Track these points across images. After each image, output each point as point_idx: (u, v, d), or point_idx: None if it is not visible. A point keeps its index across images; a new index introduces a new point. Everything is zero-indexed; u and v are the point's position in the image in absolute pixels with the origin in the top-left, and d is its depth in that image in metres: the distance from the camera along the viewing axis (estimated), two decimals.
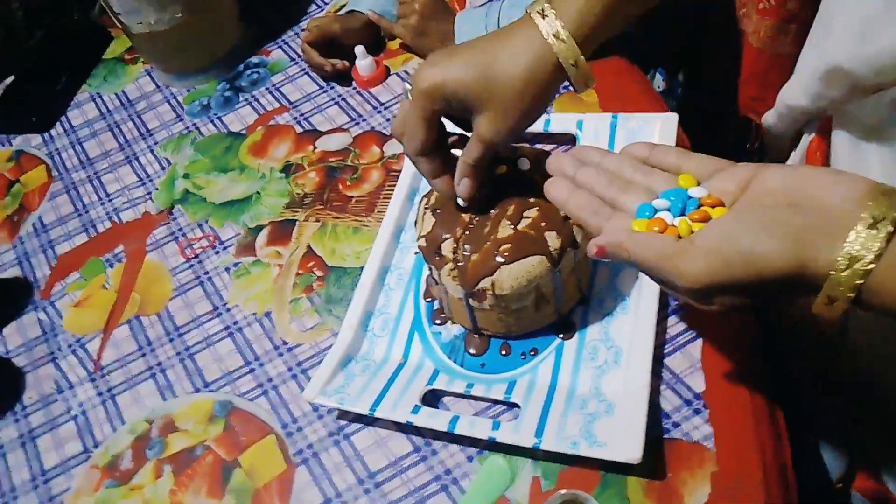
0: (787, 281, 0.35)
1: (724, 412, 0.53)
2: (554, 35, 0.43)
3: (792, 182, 0.38)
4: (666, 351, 0.57)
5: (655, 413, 0.54)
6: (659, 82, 0.91)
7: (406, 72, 0.83)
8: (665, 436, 0.53)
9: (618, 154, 0.47)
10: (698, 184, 0.42)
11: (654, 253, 0.38)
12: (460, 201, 0.53)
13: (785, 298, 0.37)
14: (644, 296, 0.56)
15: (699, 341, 0.56)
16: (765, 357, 0.55)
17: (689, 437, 0.52)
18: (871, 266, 0.33)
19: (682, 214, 0.41)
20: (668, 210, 0.41)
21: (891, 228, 0.33)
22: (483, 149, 0.48)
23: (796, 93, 0.49)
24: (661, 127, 0.64)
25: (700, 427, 0.53)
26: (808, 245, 0.34)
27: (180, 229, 0.76)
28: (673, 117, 0.64)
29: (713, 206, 0.40)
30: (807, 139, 0.53)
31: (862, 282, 0.33)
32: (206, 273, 0.71)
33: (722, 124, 0.81)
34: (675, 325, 0.58)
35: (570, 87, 0.47)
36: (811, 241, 0.34)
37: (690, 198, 0.41)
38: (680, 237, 0.39)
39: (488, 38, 0.47)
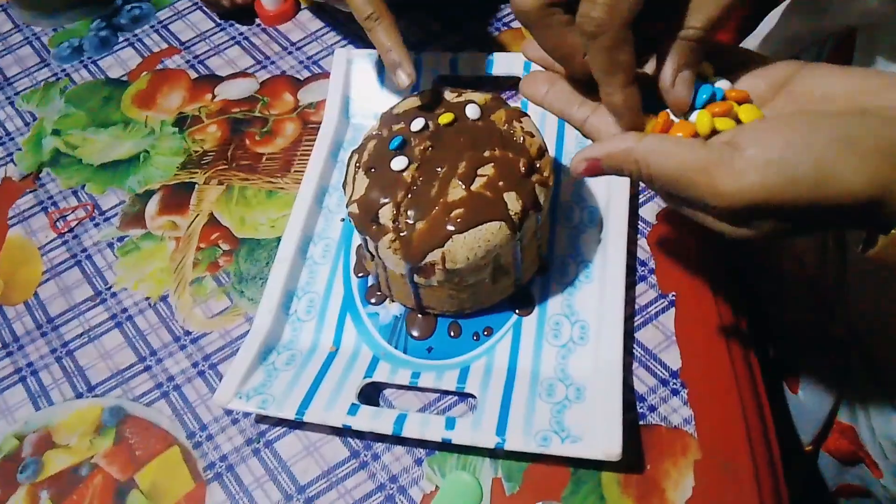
0: (859, 209, 0.27)
1: (704, 391, 0.47)
2: None
3: (857, 86, 0.30)
4: (636, 324, 0.50)
5: (630, 396, 0.47)
6: None
7: (319, 5, 0.71)
8: (641, 422, 0.46)
9: None
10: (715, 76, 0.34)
11: (678, 161, 0.29)
12: (675, 109, 0.33)
13: (842, 229, 0.29)
14: (610, 260, 0.49)
15: (672, 311, 0.50)
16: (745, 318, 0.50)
17: (667, 421, 0.46)
18: None
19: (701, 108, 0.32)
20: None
21: None
22: (722, 2, 0.31)
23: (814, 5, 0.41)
24: None
25: (679, 410, 0.47)
26: None
27: (50, 198, 0.62)
28: None
29: (740, 103, 0.32)
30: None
31: None
32: (85, 250, 0.58)
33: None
34: (644, 293, 0.51)
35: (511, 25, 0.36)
36: None
37: (711, 86, 0.32)
38: (697, 135, 0.31)
39: None
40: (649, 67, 0.34)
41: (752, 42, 0.54)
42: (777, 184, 0.27)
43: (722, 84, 0.33)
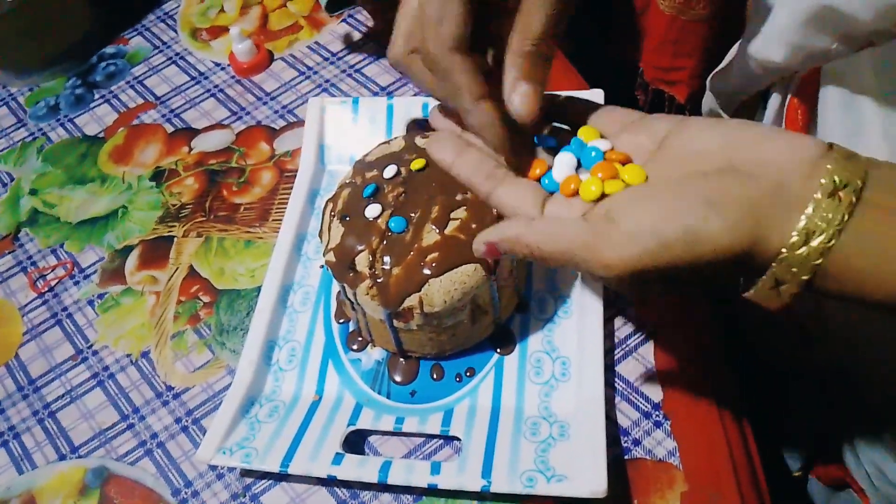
0: (732, 262, 0.29)
1: (687, 422, 0.47)
2: None
3: (730, 142, 0.31)
4: (616, 357, 0.50)
5: (613, 430, 0.47)
6: None
7: (293, 55, 0.72)
8: (626, 456, 0.46)
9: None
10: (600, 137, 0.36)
11: (565, 243, 0.31)
12: (519, 118, 0.34)
13: (718, 284, 0.31)
14: (588, 295, 0.49)
15: (651, 343, 0.50)
16: (726, 348, 0.50)
17: (652, 454, 0.46)
18: (832, 243, 0.27)
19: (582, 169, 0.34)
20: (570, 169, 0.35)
21: (854, 198, 0.27)
22: (547, 12, 0.32)
23: (767, 45, 0.43)
24: None
25: (663, 442, 0.47)
26: (763, 220, 0.28)
27: (29, 257, 0.62)
28: (598, 94, 0.58)
29: (623, 164, 0.33)
30: (776, 101, 0.47)
31: (819, 261, 0.28)
32: (65, 309, 0.58)
33: (632, 98, 0.76)
34: (623, 326, 0.51)
35: None
36: (766, 213, 0.28)
37: (590, 149, 0.34)
38: (588, 201, 0.33)
39: None
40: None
41: (714, 77, 0.56)
42: (652, 250, 0.29)
43: (602, 144, 0.35)
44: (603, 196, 0.33)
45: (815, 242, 0.28)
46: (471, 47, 0.34)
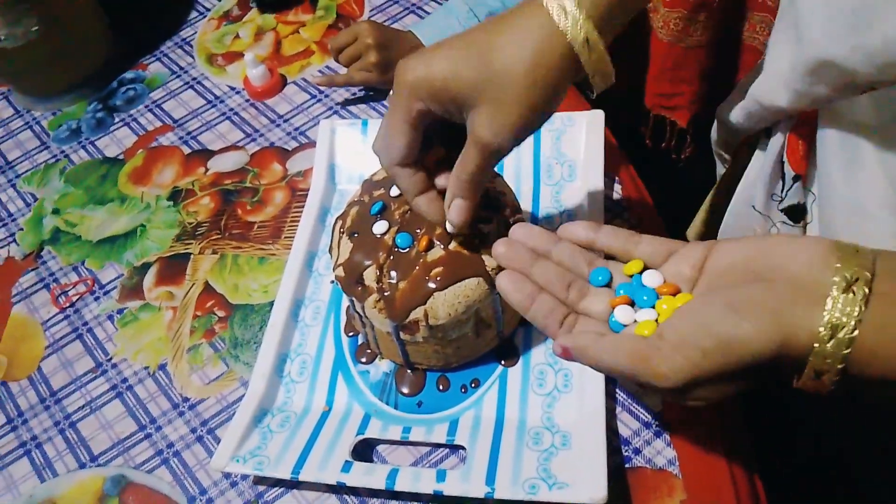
0: (769, 361, 0.31)
1: (686, 432, 0.49)
2: (559, 8, 0.36)
3: (750, 254, 0.34)
4: None
5: (614, 440, 0.49)
6: None
7: (304, 80, 0.75)
8: (627, 465, 0.48)
9: (566, 242, 0.41)
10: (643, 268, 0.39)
11: (624, 358, 0.34)
12: (449, 227, 0.44)
13: (770, 380, 0.33)
14: None
15: None
16: None
17: (652, 463, 0.48)
18: (855, 334, 0.30)
19: (650, 306, 0.38)
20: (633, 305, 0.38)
21: (866, 290, 0.30)
22: (480, 156, 0.40)
23: (771, 90, 0.45)
24: (588, 125, 0.60)
25: (663, 451, 0.48)
26: (787, 319, 0.31)
27: (51, 274, 0.65)
28: (599, 115, 0.60)
29: (673, 294, 0.37)
30: (778, 140, 0.49)
31: (849, 350, 0.30)
32: (86, 324, 0.61)
33: (634, 124, 0.77)
34: None
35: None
36: (789, 313, 0.31)
37: (645, 290, 0.38)
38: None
39: (482, 25, 0.40)
40: None
41: (722, 109, 0.57)
42: (694, 360, 0.32)
43: (652, 280, 0.38)
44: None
45: (840, 335, 0.30)
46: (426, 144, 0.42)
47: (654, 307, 0.37)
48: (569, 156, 0.60)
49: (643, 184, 0.63)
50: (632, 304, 0.39)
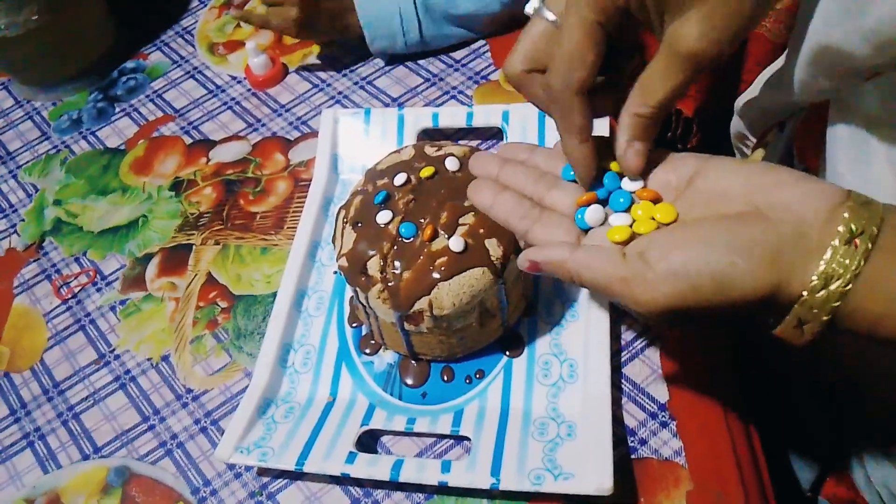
0: (758, 304, 0.31)
1: (692, 422, 0.48)
2: None
3: (753, 184, 0.33)
4: (623, 359, 0.51)
5: (620, 430, 0.48)
6: None
7: (307, 68, 0.74)
8: (633, 455, 0.47)
9: (546, 148, 0.41)
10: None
11: (603, 277, 0.33)
12: (627, 176, 0.37)
13: (749, 322, 0.33)
14: (595, 300, 0.51)
15: (657, 345, 0.51)
16: (734, 352, 0.51)
17: (658, 454, 0.47)
18: (849, 287, 0.29)
19: (624, 210, 0.36)
20: (607, 208, 0.37)
21: (869, 244, 0.29)
22: (684, 73, 0.33)
23: (783, 82, 0.44)
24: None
25: (669, 442, 0.48)
26: (785, 265, 0.30)
27: (53, 265, 0.64)
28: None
29: (654, 202, 0.36)
30: (789, 134, 0.48)
31: (838, 304, 0.30)
32: (88, 315, 0.60)
33: None
34: (629, 329, 0.52)
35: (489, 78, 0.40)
36: (788, 261, 0.30)
37: (620, 192, 0.36)
38: (616, 243, 0.35)
39: None
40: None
41: (740, 102, 0.56)
42: (683, 293, 0.31)
43: (632, 185, 0.37)
44: (634, 236, 0.35)
45: (833, 286, 0.29)
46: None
47: (628, 211, 0.36)
48: None
49: None
50: (604, 204, 0.37)
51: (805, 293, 0.30)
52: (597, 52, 0.34)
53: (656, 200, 0.36)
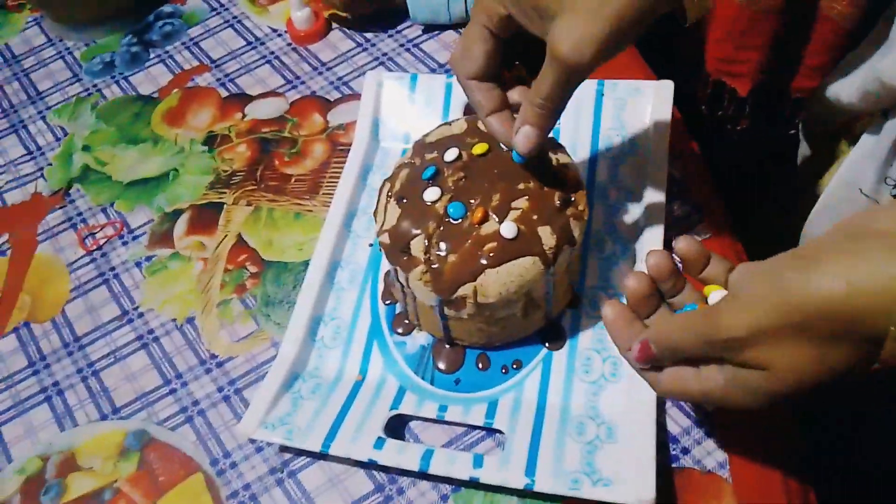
0: (841, 323, 0.29)
1: (739, 435, 0.46)
2: None
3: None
4: None
5: (662, 436, 0.46)
6: None
7: (350, 25, 0.71)
8: (674, 465, 0.45)
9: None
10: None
11: (694, 321, 0.34)
12: (516, 156, 0.42)
13: (852, 362, 0.30)
14: None
15: None
16: None
17: (701, 465, 0.45)
18: None
19: None
20: None
21: None
22: (556, 74, 0.36)
23: (842, 90, 0.42)
24: (656, 96, 0.55)
25: (713, 453, 0.45)
26: (860, 273, 0.28)
27: (79, 214, 0.62)
28: (668, 85, 0.56)
29: None
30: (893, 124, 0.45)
31: None
32: (113, 269, 0.58)
33: (693, 90, 0.73)
34: None
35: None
36: (863, 266, 0.28)
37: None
38: None
39: None
40: None
41: (829, 84, 0.53)
42: (763, 308, 0.31)
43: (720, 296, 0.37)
44: None
45: None
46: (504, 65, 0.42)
47: None
48: (631, 128, 0.56)
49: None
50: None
51: None
52: (483, 49, 0.40)
53: None
